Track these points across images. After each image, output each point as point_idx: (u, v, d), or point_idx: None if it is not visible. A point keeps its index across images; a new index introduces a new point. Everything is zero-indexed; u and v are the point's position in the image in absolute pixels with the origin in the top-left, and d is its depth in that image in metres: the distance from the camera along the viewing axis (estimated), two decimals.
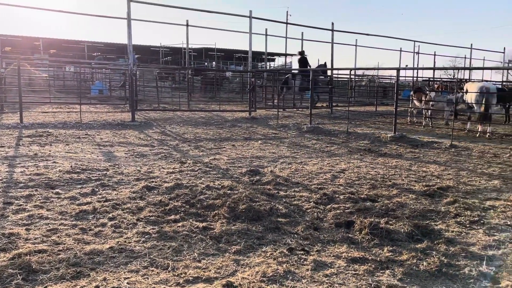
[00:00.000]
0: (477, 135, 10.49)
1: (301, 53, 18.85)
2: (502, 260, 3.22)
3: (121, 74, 23.14)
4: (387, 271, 3.00)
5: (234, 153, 7.65)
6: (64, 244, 3.23)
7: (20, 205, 4.17)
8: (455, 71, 40.95)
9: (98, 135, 9.43)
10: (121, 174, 5.65)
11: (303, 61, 18.76)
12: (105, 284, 2.63)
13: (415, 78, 27.72)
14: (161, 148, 8.04)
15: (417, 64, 29.46)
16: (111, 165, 6.16)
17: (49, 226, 3.61)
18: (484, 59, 33.60)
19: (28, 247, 3.12)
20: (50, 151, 7.17)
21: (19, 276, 2.66)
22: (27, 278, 2.66)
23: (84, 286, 2.60)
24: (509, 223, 4.07)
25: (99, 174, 5.56)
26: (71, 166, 5.84)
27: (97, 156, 6.95)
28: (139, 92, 18.36)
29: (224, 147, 8.33)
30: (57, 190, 4.75)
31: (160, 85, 21.68)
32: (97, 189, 4.84)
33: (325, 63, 19.24)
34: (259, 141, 9.23)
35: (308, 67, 18.49)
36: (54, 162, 6.18)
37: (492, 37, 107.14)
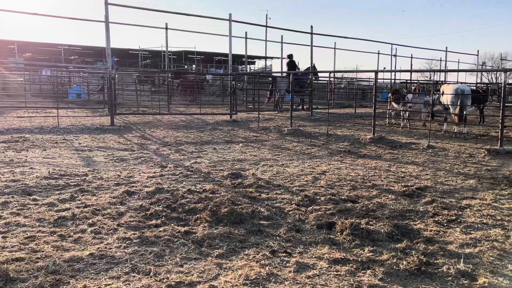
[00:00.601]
0: (453, 136, 10.74)
1: (290, 56, 18.92)
2: (478, 258, 3.30)
3: (99, 78, 22.81)
4: (368, 271, 3.04)
5: (215, 156, 7.63)
6: (43, 251, 3.17)
7: None
8: (431, 73, 41.85)
9: (76, 139, 9.27)
10: (101, 179, 5.57)
11: (292, 64, 18.79)
12: None
13: (393, 80, 28.21)
14: (141, 152, 7.96)
15: (395, 67, 29.98)
16: (90, 170, 6.06)
17: (27, 234, 3.53)
18: (458, 62, 34.43)
19: (5, 255, 3.04)
20: (26, 156, 7.01)
21: None
22: (4, 287, 2.60)
23: None
24: (485, 221, 4.18)
25: (78, 179, 5.47)
26: (49, 172, 5.72)
27: (76, 161, 6.83)
28: (118, 95, 18.13)
29: (205, 151, 8.30)
30: (34, 196, 4.65)
31: (139, 88, 21.44)
32: (76, 195, 4.76)
33: (314, 65, 19.33)
34: (241, 144, 9.23)
35: (297, 70, 18.62)
36: (31, 168, 6.04)
37: (466, 40, 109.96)
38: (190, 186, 5.26)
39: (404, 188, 5.35)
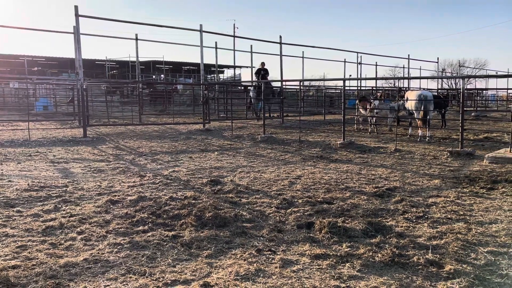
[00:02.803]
0: (418, 139, 11.31)
1: (262, 64, 19.19)
2: (445, 248, 3.63)
3: (68, 89, 22.45)
4: (347, 264, 3.31)
5: (192, 165, 7.79)
6: (37, 259, 3.27)
7: None
8: (395, 80, 43.36)
9: (50, 152, 9.20)
10: (82, 189, 5.64)
11: (262, 72, 19.10)
12: None
13: (359, 88, 29.10)
14: (117, 162, 8.01)
15: (360, 74, 30.96)
16: (69, 181, 6.11)
17: (18, 243, 3.60)
18: (420, 69, 35.91)
19: (1, 263, 3.13)
20: (1, 170, 6.95)
21: None
22: None
23: None
24: (449, 216, 4.55)
25: (59, 190, 5.52)
26: (28, 184, 5.74)
27: (53, 173, 6.83)
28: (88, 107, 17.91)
29: (182, 159, 8.44)
30: (17, 208, 4.69)
31: (108, 99, 21.26)
32: (59, 205, 4.83)
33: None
34: (216, 152, 9.42)
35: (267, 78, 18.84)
36: (9, 181, 6.03)
37: (427, 48, 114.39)
38: (172, 193, 5.41)
39: (375, 189, 5.70)
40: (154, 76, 47.91)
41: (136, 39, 18.63)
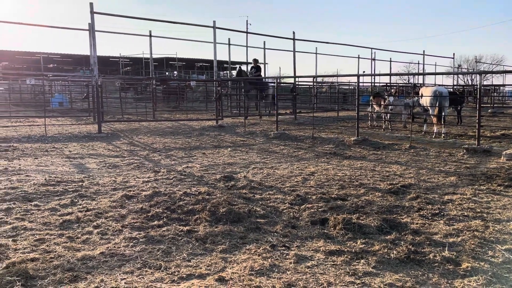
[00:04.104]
0: (433, 136, 11.18)
1: (255, 61, 18.62)
2: (461, 246, 3.59)
3: (83, 86, 22.70)
4: (362, 261, 3.30)
5: (206, 161, 7.82)
6: (55, 252, 3.32)
7: (1, 218, 4.18)
8: (409, 76, 42.87)
9: (66, 147, 9.33)
10: (97, 184, 5.70)
11: (253, 70, 18.46)
12: (103, 285, 2.77)
13: (373, 84, 28.87)
14: (132, 158, 8.09)
15: (374, 70, 30.67)
16: (85, 177, 6.18)
17: (36, 237, 3.67)
18: (435, 65, 35.47)
19: (20, 256, 3.19)
20: (19, 165, 7.07)
21: (18, 283, 2.75)
22: (26, 284, 2.76)
23: (84, 287, 2.73)
24: (466, 214, 4.49)
25: (75, 185, 5.60)
26: (45, 179, 5.83)
27: (69, 169, 6.93)
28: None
29: (195, 155, 8.48)
30: (35, 202, 4.77)
31: (122, 96, 21.45)
32: (76, 200, 4.90)
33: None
34: (229, 149, 9.44)
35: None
36: (27, 175, 6.13)
37: (443, 44, 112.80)
38: (186, 189, 5.44)
39: (390, 186, 5.65)
40: (167, 73, 48.15)
41: (150, 35, 18.75)
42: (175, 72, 47.24)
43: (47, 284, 2.78)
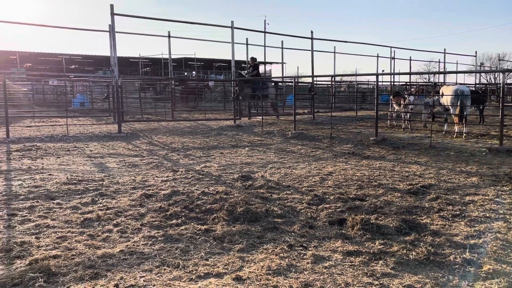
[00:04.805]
0: (454, 136, 10.97)
1: (252, 60, 17.83)
2: (483, 247, 3.52)
3: (103, 86, 23.09)
4: (380, 262, 3.26)
5: (223, 160, 7.86)
6: (76, 249, 3.39)
7: (24, 216, 4.29)
8: (430, 75, 42.19)
9: (87, 147, 9.51)
10: (117, 183, 5.79)
11: (250, 70, 17.83)
12: (123, 282, 2.82)
13: (392, 83, 28.51)
14: (151, 158, 8.19)
15: (393, 69, 30.30)
16: (105, 176, 6.29)
17: (58, 234, 3.76)
18: (457, 63, 34.80)
19: (42, 253, 3.27)
20: (42, 164, 7.24)
21: (40, 279, 2.82)
22: (48, 280, 2.83)
23: (104, 285, 2.79)
24: (487, 215, 4.40)
25: (96, 184, 5.70)
26: (67, 178, 5.95)
27: (90, 168, 7.06)
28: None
29: (213, 155, 8.52)
30: (57, 200, 4.88)
31: (142, 96, 21.72)
32: (96, 199, 4.99)
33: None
34: (246, 148, 9.46)
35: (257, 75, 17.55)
36: (50, 174, 6.28)
37: (464, 41, 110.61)
38: (204, 188, 5.48)
39: (409, 186, 5.58)
40: (186, 73, 48.57)
41: (169, 36, 18.94)
42: (194, 72, 47.59)
43: (68, 280, 2.84)
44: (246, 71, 17.90)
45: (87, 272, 2.94)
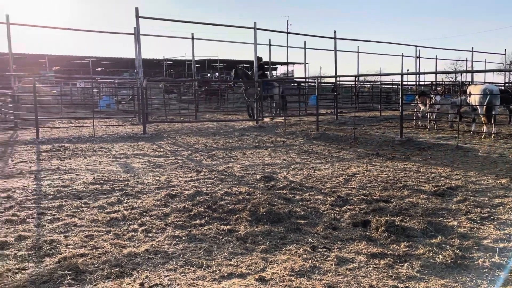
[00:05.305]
0: (482, 136, 10.68)
1: (259, 59, 17.34)
2: None
3: (128, 88, 23.51)
4: (406, 264, 3.21)
5: (246, 161, 7.88)
6: (103, 248, 3.47)
7: (53, 215, 4.41)
8: (457, 74, 41.21)
9: (112, 148, 9.70)
10: (142, 184, 5.89)
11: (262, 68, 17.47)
12: (148, 281, 2.86)
13: (417, 83, 27.99)
14: (175, 158, 8.29)
15: (419, 68, 29.73)
16: (131, 176, 6.40)
17: (85, 233, 3.85)
18: (485, 62, 33.84)
19: (71, 251, 3.36)
20: (70, 164, 7.44)
21: (69, 277, 2.90)
22: (76, 278, 2.90)
23: (130, 283, 2.84)
24: None
25: (121, 184, 5.81)
26: (94, 178, 6.09)
27: (116, 168, 7.20)
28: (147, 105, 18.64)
29: (236, 156, 8.56)
30: (85, 200, 5.00)
31: (166, 97, 22.02)
32: (122, 198, 5.08)
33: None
34: (269, 149, 9.46)
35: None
36: (77, 174, 6.44)
37: (493, 39, 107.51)
38: (227, 189, 5.51)
39: (435, 188, 5.46)
40: (209, 74, 48.95)
41: (192, 38, 19.12)
42: (217, 74, 47.92)
43: (95, 278, 2.91)
44: (251, 71, 17.72)
45: (113, 271, 3.01)
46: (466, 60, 32.94)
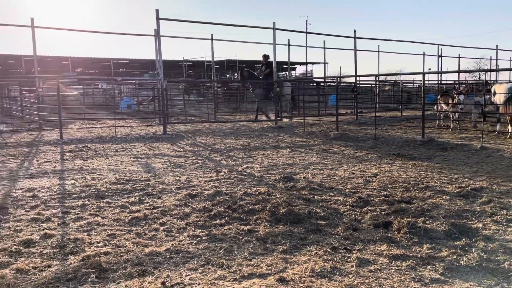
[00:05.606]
0: (508, 137, 10.41)
1: (266, 57, 16.99)
2: None
3: (149, 89, 23.80)
4: (429, 267, 3.16)
5: (265, 161, 7.88)
6: (125, 247, 3.52)
7: (77, 214, 4.50)
8: (480, 73, 40.30)
9: (134, 148, 9.84)
10: (163, 183, 5.95)
11: (269, 66, 16.90)
12: (169, 280, 2.89)
13: (439, 82, 27.50)
14: (195, 158, 8.35)
15: (441, 67, 29.19)
16: (151, 176, 6.48)
17: (108, 232, 3.91)
18: (510, 60, 33.01)
19: (94, 250, 3.42)
20: (93, 164, 7.58)
21: (92, 275, 2.95)
22: (100, 276, 2.96)
23: (151, 282, 2.87)
24: None
25: (143, 184, 5.88)
26: (116, 178, 6.18)
27: (137, 168, 7.30)
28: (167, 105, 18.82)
29: (255, 156, 8.57)
30: (107, 199, 5.08)
31: (185, 98, 22.22)
32: (143, 198, 5.15)
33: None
34: (288, 149, 9.44)
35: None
36: (100, 174, 6.55)
37: None
38: (246, 189, 5.52)
39: (459, 189, 5.36)
40: (228, 75, 49.16)
41: (212, 39, 19.24)
42: (235, 74, 48.08)
43: (118, 277, 2.96)
44: (258, 70, 17.58)
45: (135, 269, 3.05)
46: (491, 59, 32.22)
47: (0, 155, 8.55)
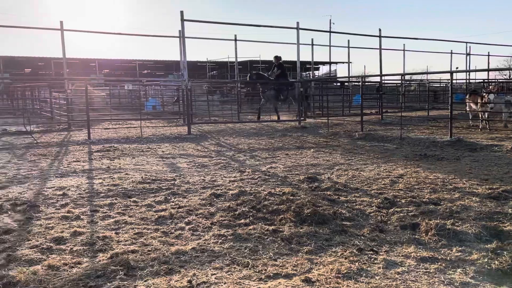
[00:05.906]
0: None
1: (278, 58, 16.70)
2: None
3: (173, 90, 24.09)
4: (459, 270, 3.08)
5: (289, 162, 7.86)
6: (152, 245, 3.58)
7: (105, 212, 4.60)
8: (511, 71, 39.10)
9: (159, 148, 9.98)
10: (188, 183, 6.02)
11: (282, 67, 16.88)
12: (195, 279, 2.92)
13: (467, 81, 26.83)
14: (219, 158, 8.40)
15: (469, 66, 28.47)
16: (177, 175, 6.56)
17: (135, 230, 3.98)
18: None
19: (122, 248, 3.49)
20: (120, 164, 7.73)
21: (121, 272, 3.01)
22: (128, 274, 3.01)
23: (178, 280, 2.91)
24: None
25: (168, 183, 5.96)
26: (142, 177, 6.29)
27: (163, 168, 7.40)
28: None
29: (278, 156, 8.55)
30: (134, 198, 5.17)
31: (209, 98, 22.40)
32: (169, 197, 5.22)
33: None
34: (312, 150, 9.38)
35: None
36: (126, 173, 6.67)
37: None
38: (270, 189, 5.52)
39: (489, 191, 5.21)
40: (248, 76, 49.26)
41: (235, 40, 19.33)
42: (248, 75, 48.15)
43: (145, 275, 3.01)
44: (270, 72, 17.42)
45: (162, 268, 3.09)
46: None
47: (31, 155, 8.83)
